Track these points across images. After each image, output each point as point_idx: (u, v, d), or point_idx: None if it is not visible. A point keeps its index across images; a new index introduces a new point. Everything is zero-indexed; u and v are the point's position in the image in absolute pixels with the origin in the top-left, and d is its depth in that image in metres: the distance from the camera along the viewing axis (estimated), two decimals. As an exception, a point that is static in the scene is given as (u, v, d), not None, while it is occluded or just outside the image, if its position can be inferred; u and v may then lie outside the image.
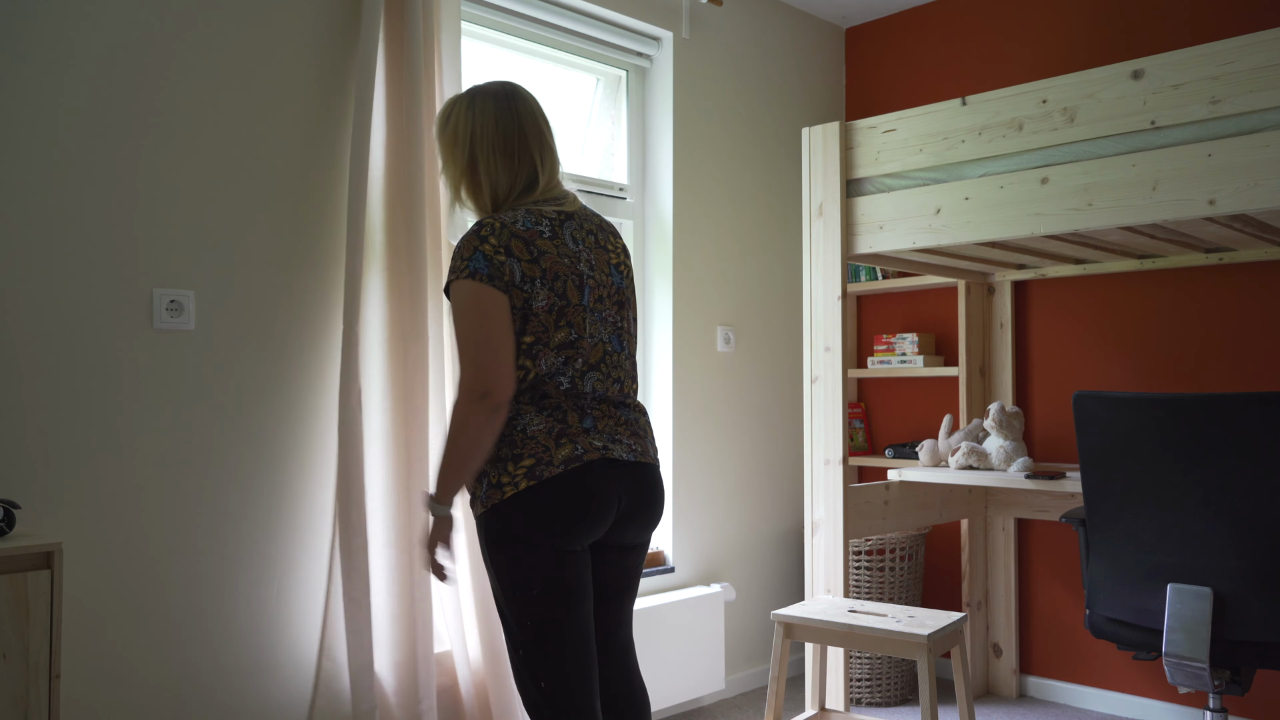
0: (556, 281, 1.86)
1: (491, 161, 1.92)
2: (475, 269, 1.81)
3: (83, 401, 2.14)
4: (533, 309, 1.84)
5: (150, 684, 2.22)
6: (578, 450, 1.82)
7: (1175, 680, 2.26)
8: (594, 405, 1.89)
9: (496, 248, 1.82)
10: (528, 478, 1.79)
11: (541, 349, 1.85)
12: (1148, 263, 3.29)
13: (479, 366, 1.79)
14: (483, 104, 1.94)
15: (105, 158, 2.19)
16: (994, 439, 3.23)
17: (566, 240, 1.91)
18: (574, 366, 1.87)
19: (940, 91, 3.90)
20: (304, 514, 2.47)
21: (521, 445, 1.82)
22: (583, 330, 1.88)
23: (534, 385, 1.84)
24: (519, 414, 1.84)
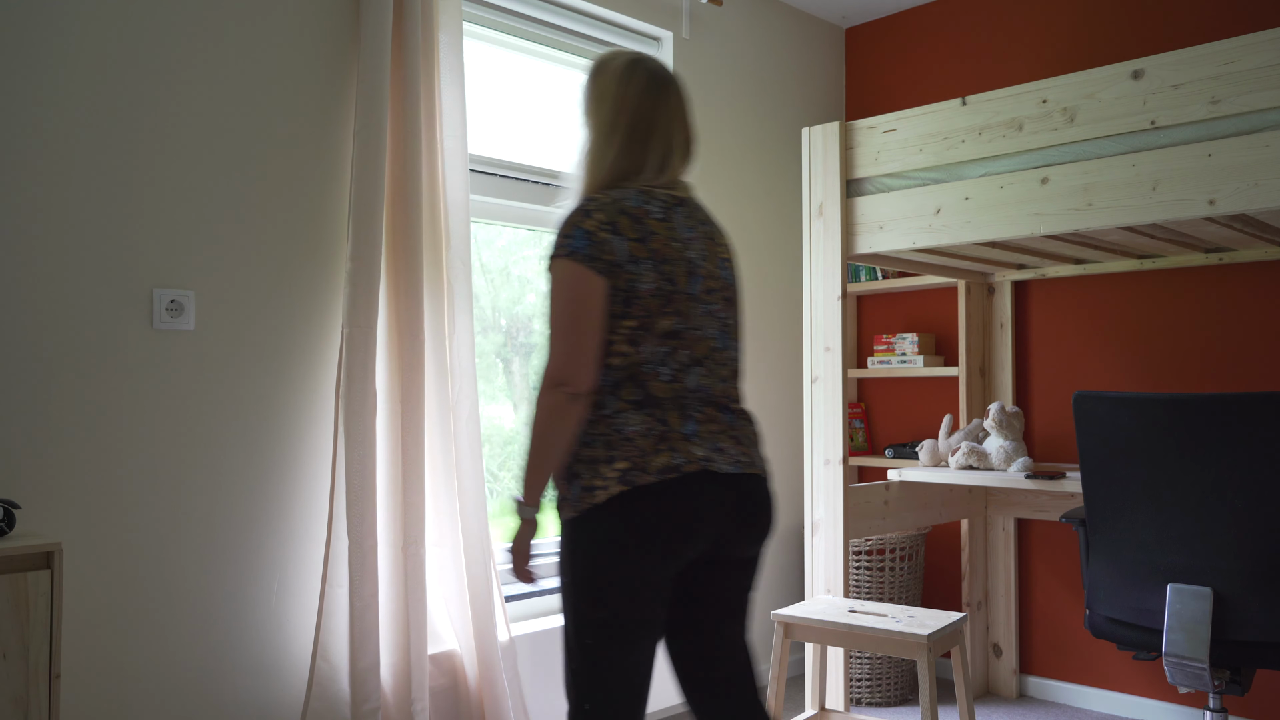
0: (665, 265, 1.74)
1: (620, 134, 1.81)
2: (574, 248, 1.70)
3: (83, 402, 2.14)
4: (638, 291, 1.71)
5: (150, 684, 2.22)
6: (676, 459, 1.68)
7: (1175, 680, 2.26)
8: (697, 407, 1.75)
9: (602, 224, 1.71)
10: (621, 482, 1.66)
11: (644, 335, 1.72)
12: (1148, 263, 3.29)
13: (560, 354, 1.69)
14: (638, 77, 1.84)
15: (105, 158, 2.19)
16: (994, 439, 3.23)
17: (678, 225, 1.79)
18: (677, 358, 1.74)
19: (940, 91, 3.90)
20: (304, 514, 2.47)
21: (617, 446, 1.68)
22: (689, 320, 1.76)
23: (633, 376, 1.72)
24: (617, 411, 1.71)
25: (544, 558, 3.10)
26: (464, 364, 2.65)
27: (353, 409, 2.40)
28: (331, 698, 2.37)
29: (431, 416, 2.61)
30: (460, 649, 2.65)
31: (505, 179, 3.06)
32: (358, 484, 2.39)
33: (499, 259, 3.18)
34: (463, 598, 2.63)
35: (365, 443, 2.41)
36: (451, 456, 2.62)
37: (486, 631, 2.62)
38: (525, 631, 2.81)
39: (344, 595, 2.39)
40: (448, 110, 2.67)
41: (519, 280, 3.24)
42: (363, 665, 2.37)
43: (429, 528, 2.62)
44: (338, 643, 2.40)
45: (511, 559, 1.82)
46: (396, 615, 2.49)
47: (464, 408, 2.64)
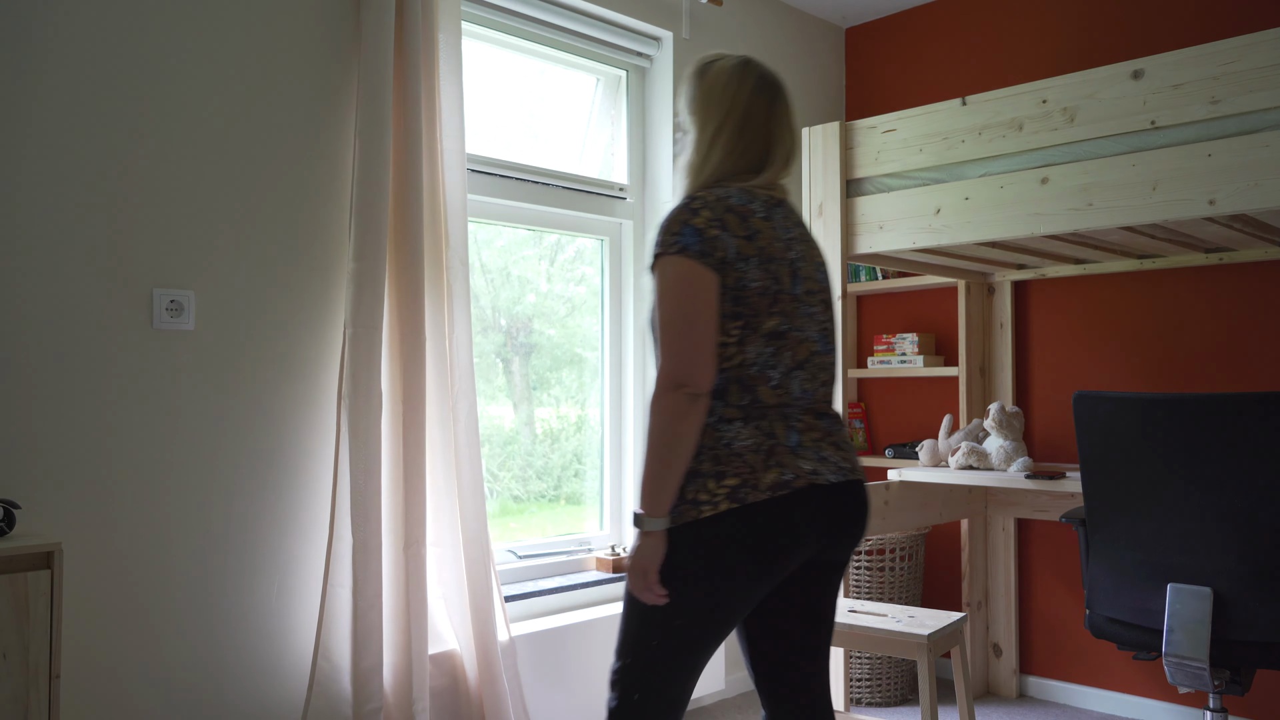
0: (771, 264, 1.70)
1: (730, 135, 1.78)
2: (685, 244, 1.65)
3: (83, 401, 2.14)
4: (747, 290, 1.67)
5: (150, 684, 2.22)
6: (786, 475, 1.64)
7: (1175, 680, 2.26)
8: (799, 415, 1.71)
9: (710, 221, 1.67)
10: (730, 499, 1.62)
11: (750, 335, 1.68)
12: (1148, 263, 3.29)
13: (676, 354, 1.63)
14: (746, 78, 1.80)
15: (106, 158, 2.19)
16: (994, 439, 3.23)
17: (779, 224, 1.76)
18: (782, 361, 1.70)
19: (940, 91, 3.90)
20: (304, 514, 2.47)
21: (726, 461, 1.64)
22: (793, 321, 1.72)
23: (739, 380, 1.68)
24: (724, 422, 1.67)
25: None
26: (463, 364, 2.65)
27: (357, 409, 2.40)
28: (333, 698, 2.37)
29: (432, 416, 2.61)
30: (460, 649, 2.65)
31: (505, 179, 3.06)
32: (362, 484, 2.39)
33: (499, 259, 3.18)
34: (463, 598, 2.63)
35: (370, 443, 2.41)
36: (451, 456, 2.62)
37: (486, 631, 2.62)
38: (525, 631, 2.81)
39: (346, 595, 2.39)
40: (446, 110, 2.67)
41: (519, 280, 3.24)
42: (365, 665, 2.37)
43: (429, 528, 2.62)
44: (339, 643, 2.40)
45: (634, 578, 1.68)
46: (397, 615, 2.49)
47: (463, 407, 2.64)
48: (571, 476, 3.36)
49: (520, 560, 3.10)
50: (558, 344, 3.33)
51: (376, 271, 2.45)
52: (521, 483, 3.22)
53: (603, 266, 3.46)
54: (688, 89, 1.85)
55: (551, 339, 3.31)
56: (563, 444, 3.35)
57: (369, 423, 2.41)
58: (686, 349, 1.63)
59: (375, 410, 2.42)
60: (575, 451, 3.38)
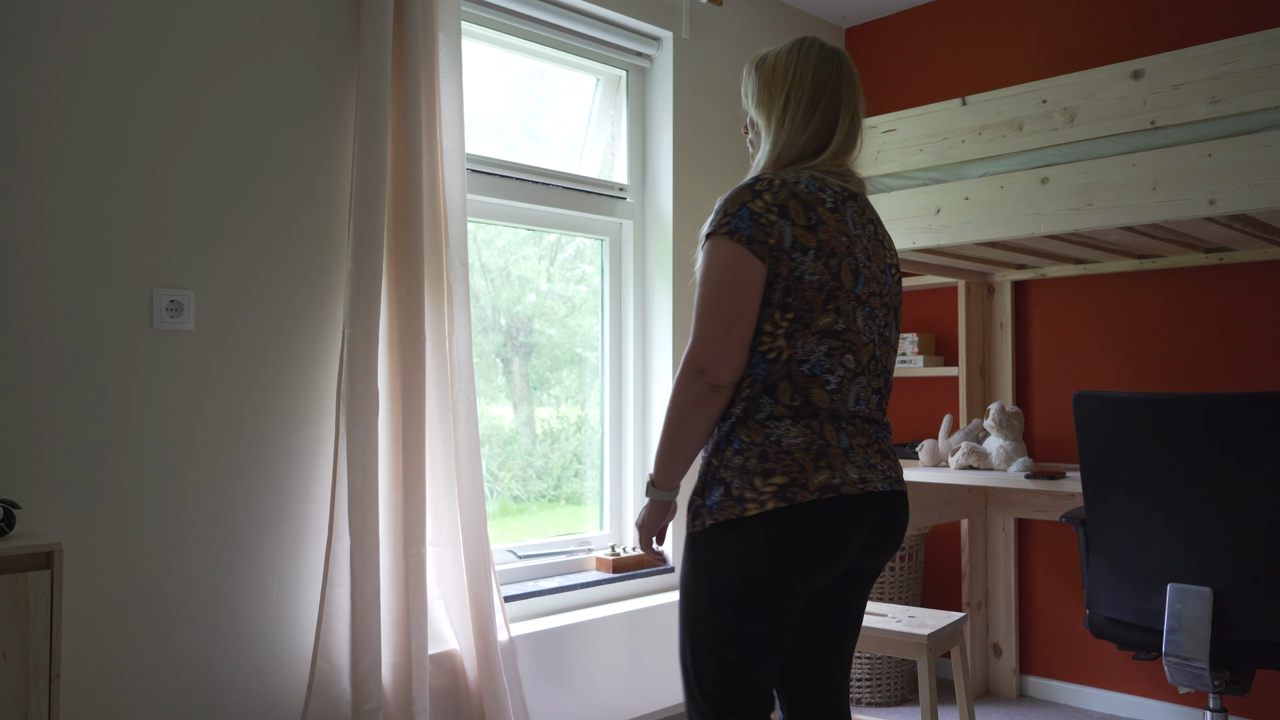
0: (832, 259, 1.62)
1: (796, 112, 1.72)
2: (736, 228, 1.59)
3: (83, 402, 2.14)
4: (802, 281, 1.60)
5: (150, 684, 2.22)
6: (835, 479, 1.59)
7: (1175, 680, 2.26)
8: (849, 419, 1.65)
9: (769, 205, 1.61)
10: (777, 498, 1.57)
11: (800, 330, 1.61)
12: (1148, 263, 3.29)
13: (702, 339, 1.60)
14: (808, 51, 1.75)
15: (105, 158, 2.19)
16: (994, 439, 3.23)
17: (848, 219, 1.68)
18: (844, 365, 1.64)
19: (940, 91, 3.90)
20: (304, 514, 2.47)
21: (775, 459, 1.58)
22: (852, 321, 1.65)
23: (790, 378, 1.61)
24: (773, 419, 1.61)
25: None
26: (462, 364, 2.65)
27: (355, 409, 2.40)
28: (332, 698, 2.37)
29: (431, 416, 2.61)
30: (460, 649, 2.65)
31: (505, 179, 3.06)
32: (360, 484, 2.39)
33: (499, 259, 3.18)
34: (463, 598, 2.63)
35: (368, 443, 2.41)
36: (451, 456, 2.62)
37: (486, 631, 2.62)
38: (525, 631, 2.81)
39: (345, 595, 2.39)
40: (446, 110, 2.67)
41: (519, 280, 3.24)
42: (364, 665, 2.37)
43: (428, 528, 2.62)
44: (339, 643, 2.40)
45: (640, 536, 1.78)
46: (397, 615, 2.49)
47: (463, 407, 2.64)
48: (571, 476, 3.36)
49: (520, 560, 3.10)
50: (558, 344, 3.33)
51: (375, 272, 2.45)
52: (521, 483, 3.22)
53: (603, 266, 3.46)
54: (750, 84, 1.81)
55: (551, 339, 3.31)
56: (563, 444, 3.35)
57: (367, 423, 2.41)
58: (717, 336, 1.59)
59: (373, 410, 2.42)
60: (575, 451, 3.38)
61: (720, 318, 1.59)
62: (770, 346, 1.62)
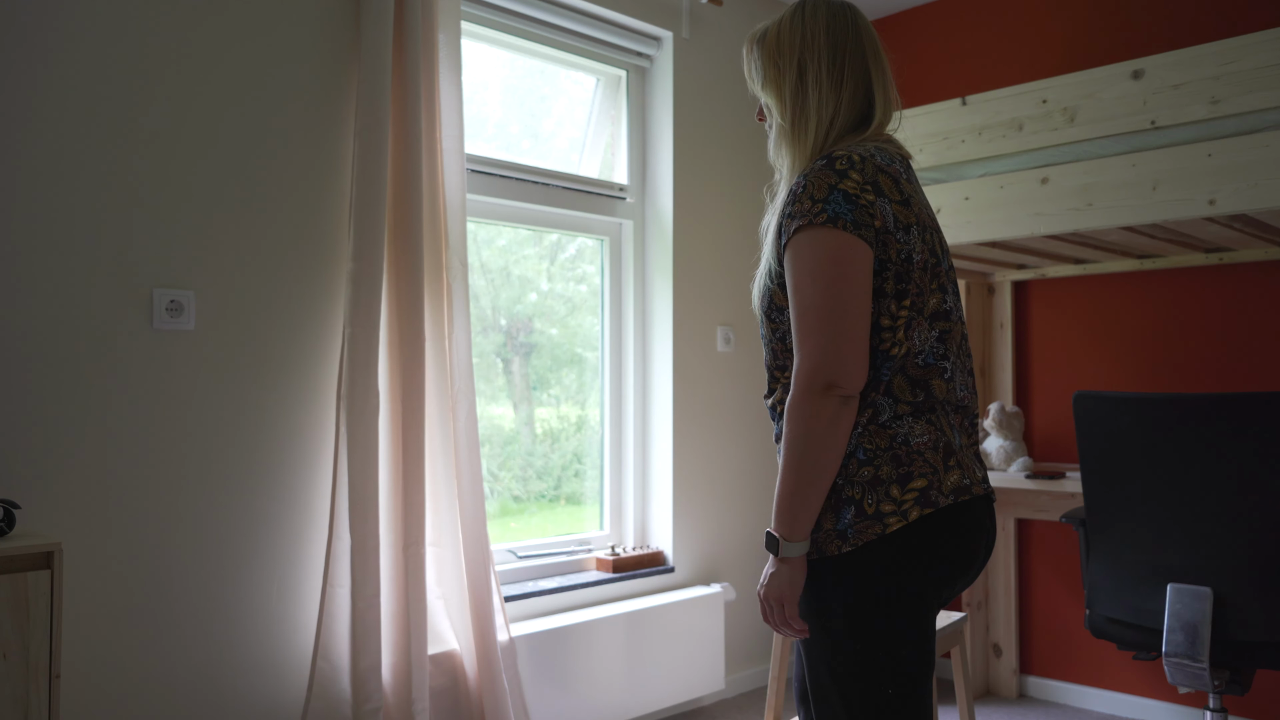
0: (927, 233, 1.45)
1: (820, 77, 1.49)
2: (836, 213, 1.37)
3: (83, 401, 2.14)
4: (912, 263, 1.41)
5: (150, 684, 2.22)
6: (965, 479, 1.42)
7: (1175, 680, 2.26)
8: (957, 411, 1.48)
9: (861, 185, 1.40)
10: (920, 504, 1.38)
11: (916, 318, 1.42)
12: (1148, 263, 3.29)
13: (825, 349, 1.36)
14: (814, 11, 1.53)
15: (105, 158, 2.19)
16: (994, 439, 3.23)
17: (918, 188, 1.51)
18: (951, 349, 1.46)
19: (940, 91, 3.90)
20: (304, 514, 2.47)
21: (908, 462, 1.40)
22: (948, 301, 1.48)
23: (904, 371, 1.43)
24: (896, 417, 1.42)
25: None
26: (462, 364, 2.65)
27: (355, 409, 2.40)
28: (332, 698, 2.37)
29: (431, 416, 2.61)
30: (460, 649, 2.65)
31: (505, 179, 3.06)
32: (360, 484, 2.39)
33: (499, 259, 3.18)
34: (463, 598, 2.63)
35: (368, 443, 2.41)
36: (451, 456, 2.62)
37: (486, 631, 2.62)
38: (525, 631, 2.81)
39: (345, 595, 2.39)
40: (446, 110, 2.67)
41: (519, 280, 3.24)
42: (364, 665, 2.37)
43: (428, 528, 2.62)
44: (339, 643, 2.40)
45: (770, 611, 1.46)
46: (397, 615, 2.49)
47: (462, 407, 2.64)
48: (571, 476, 3.36)
49: (520, 560, 3.10)
50: (558, 344, 3.33)
51: (375, 272, 2.45)
52: (521, 483, 3.22)
53: (603, 266, 3.46)
54: (752, 61, 1.59)
55: (552, 339, 3.31)
56: (563, 444, 3.35)
57: (367, 422, 2.41)
58: (838, 342, 1.37)
59: (373, 410, 2.42)
60: (575, 451, 3.38)
61: (840, 319, 1.37)
62: (892, 341, 1.42)
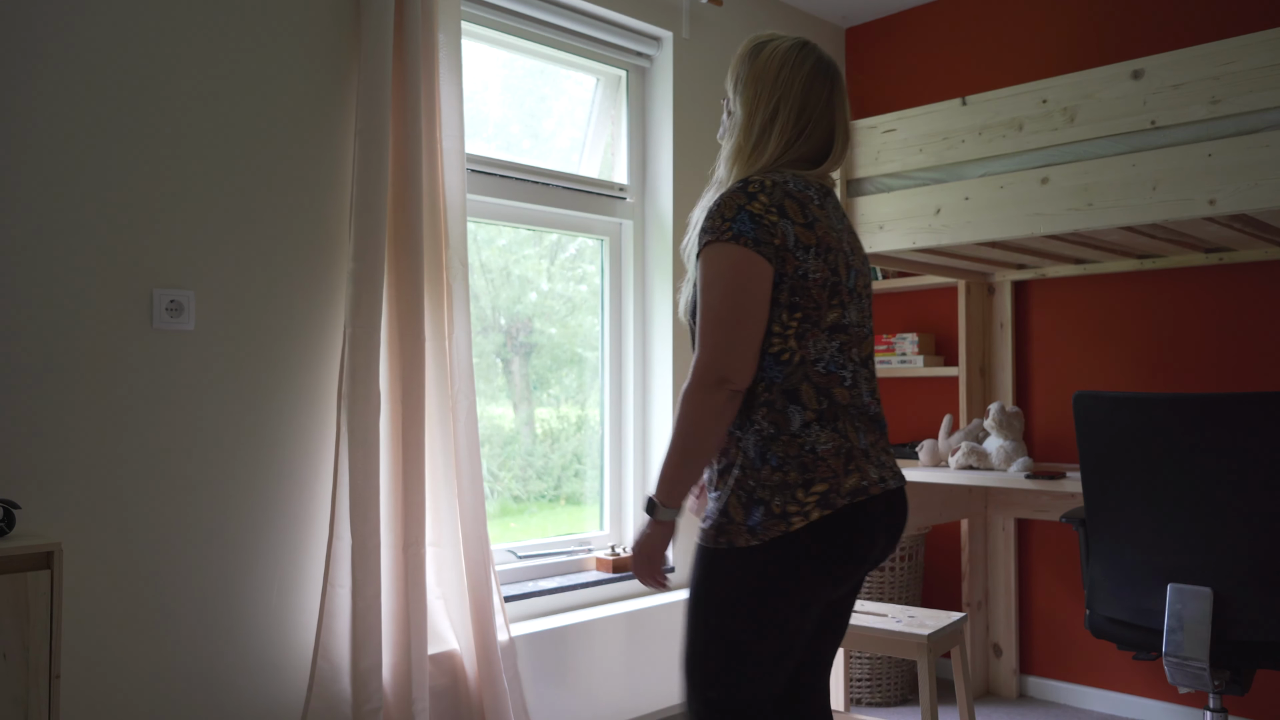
0: (829, 254, 1.63)
1: (787, 125, 1.68)
2: (740, 231, 1.57)
3: (83, 401, 2.14)
4: (807, 280, 1.60)
5: (150, 684, 2.22)
6: (863, 481, 1.60)
7: (1175, 680, 2.26)
8: (861, 416, 1.65)
9: (767, 206, 1.59)
10: (820, 506, 1.55)
11: (810, 329, 1.61)
12: (1148, 263, 3.29)
13: (720, 348, 1.56)
14: (802, 60, 1.70)
15: (105, 158, 2.19)
16: (994, 439, 3.23)
17: (832, 214, 1.69)
18: (851, 358, 1.65)
19: (940, 91, 3.90)
20: (304, 514, 2.47)
21: (813, 467, 1.57)
22: (849, 316, 1.66)
23: (809, 379, 1.60)
24: (805, 425, 1.59)
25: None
26: (462, 364, 2.65)
27: (356, 409, 2.40)
28: (332, 698, 2.37)
29: (431, 416, 2.61)
30: (460, 649, 2.65)
31: (505, 179, 3.06)
32: (361, 484, 2.39)
33: (499, 259, 3.18)
34: (463, 598, 2.63)
35: (369, 443, 2.41)
36: (451, 456, 2.62)
37: (486, 631, 2.62)
38: (525, 631, 2.81)
39: (345, 595, 2.39)
40: (446, 110, 2.67)
41: (519, 280, 3.24)
42: (365, 665, 2.37)
43: (428, 528, 2.62)
44: (339, 643, 2.40)
45: (639, 564, 1.68)
46: (397, 615, 2.49)
47: (462, 407, 2.64)
48: (571, 476, 3.36)
49: (520, 560, 3.10)
50: (558, 344, 3.33)
51: (376, 272, 2.45)
52: (521, 483, 3.22)
53: (603, 266, 3.46)
54: (739, 69, 1.76)
55: (552, 339, 3.31)
56: (563, 444, 3.35)
57: (368, 423, 2.41)
58: (732, 343, 1.56)
59: (374, 410, 2.42)
60: (575, 451, 3.37)
61: (735, 323, 1.57)
62: (782, 347, 1.61)
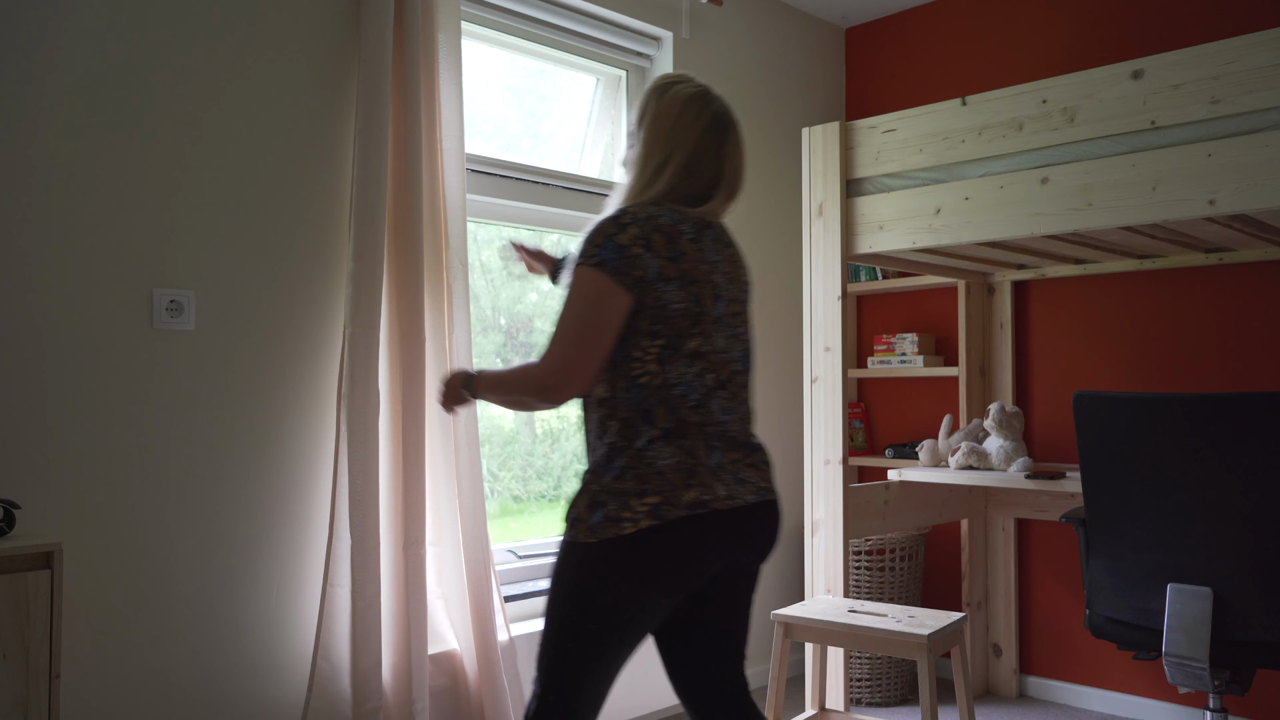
0: (694, 286, 1.75)
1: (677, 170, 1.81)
2: (604, 259, 1.69)
3: (83, 401, 2.14)
4: (668, 310, 1.72)
5: (150, 684, 2.22)
6: (705, 495, 1.69)
7: (1175, 680, 2.26)
8: (719, 437, 1.76)
9: (635, 239, 1.70)
10: (651, 516, 1.66)
11: (671, 355, 1.72)
12: (1148, 263, 3.29)
13: (561, 359, 1.70)
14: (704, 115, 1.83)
15: (105, 158, 2.19)
16: (994, 439, 3.23)
17: (707, 247, 1.81)
18: (704, 383, 1.75)
19: (940, 91, 3.90)
20: (304, 514, 2.47)
21: (648, 480, 1.69)
22: (713, 344, 1.77)
23: (665, 402, 1.72)
24: (649, 443, 1.71)
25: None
26: (462, 363, 2.65)
27: (355, 409, 2.40)
28: (332, 697, 2.37)
29: (431, 416, 2.61)
30: (460, 649, 2.65)
31: (505, 179, 3.06)
32: (361, 484, 2.39)
33: (500, 259, 3.18)
34: (463, 598, 2.63)
35: (369, 443, 2.41)
36: (451, 456, 2.62)
37: (486, 631, 2.62)
38: (525, 631, 2.81)
39: (345, 595, 2.39)
40: (446, 110, 2.67)
41: (519, 280, 3.24)
42: (365, 665, 2.37)
43: (428, 527, 2.62)
44: (339, 643, 2.40)
45: (448, 394, 1.90)
46: (397, 615, 2.49)
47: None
48: (571, 476, 3.36)
49: (520, 560, 3.10)
50: (558, 344, 3.33)
51: (375, 272, 2.45)
52: (521, 483, 3.21)
53: (603, 266, 3.46)
54: (645, 104, 1.88)
55: (551, 339, 3.31)
56: (563, 444, 3.35)
57: (368, 423, 2.41)
58: (575, 359, 1.70)
59: (373, 410, 2.43)
60: (575, 451, 3.37)
61: (581, 342, 1.70)
62: (642, 371, 1.72)
